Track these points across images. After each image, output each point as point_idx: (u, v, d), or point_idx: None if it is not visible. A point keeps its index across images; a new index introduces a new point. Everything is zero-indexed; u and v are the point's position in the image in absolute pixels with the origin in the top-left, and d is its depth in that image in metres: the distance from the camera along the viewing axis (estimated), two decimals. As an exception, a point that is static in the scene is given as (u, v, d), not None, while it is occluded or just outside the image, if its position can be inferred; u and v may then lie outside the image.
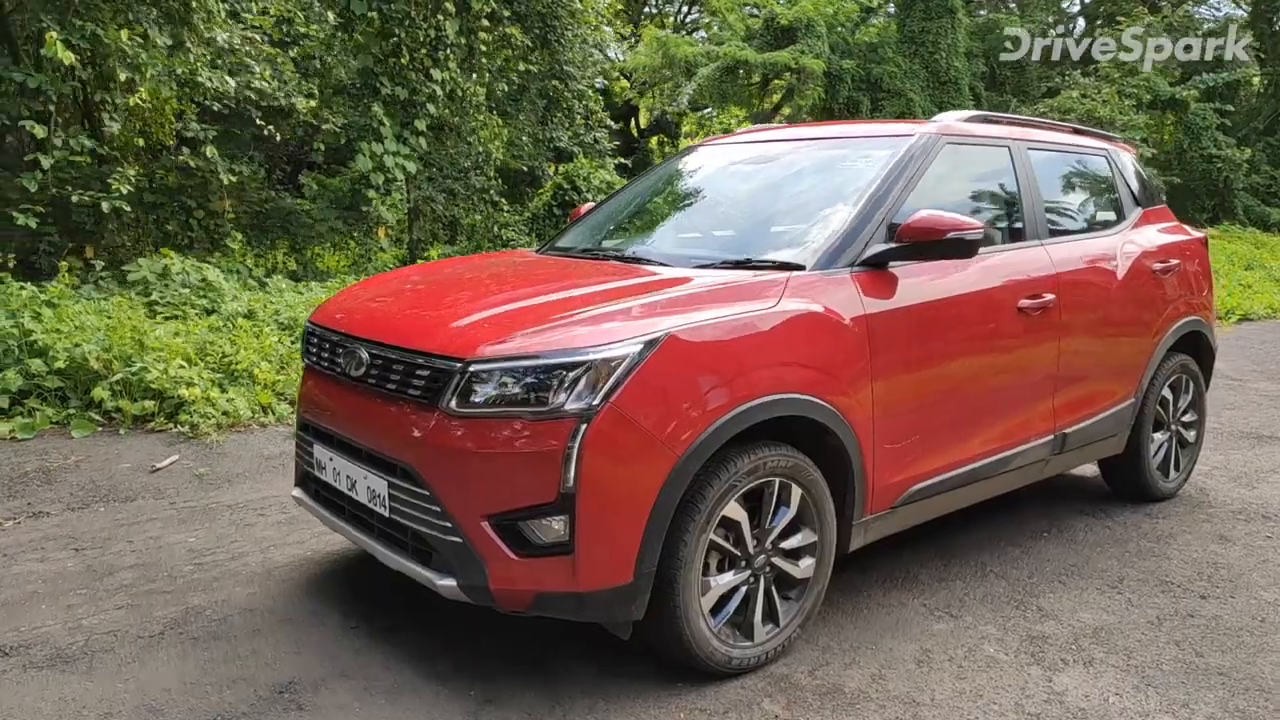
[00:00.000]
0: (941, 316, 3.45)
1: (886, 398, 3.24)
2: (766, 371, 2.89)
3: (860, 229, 3.33)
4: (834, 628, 3.34)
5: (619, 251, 3.80)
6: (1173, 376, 4.66)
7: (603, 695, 2.85)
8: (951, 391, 3.51)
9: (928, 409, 3.43)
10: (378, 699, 2.82)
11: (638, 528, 2.65)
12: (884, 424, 3.25)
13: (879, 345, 3.21)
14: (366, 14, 11.01)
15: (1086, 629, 3.35)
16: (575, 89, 13.63)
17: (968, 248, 3.30)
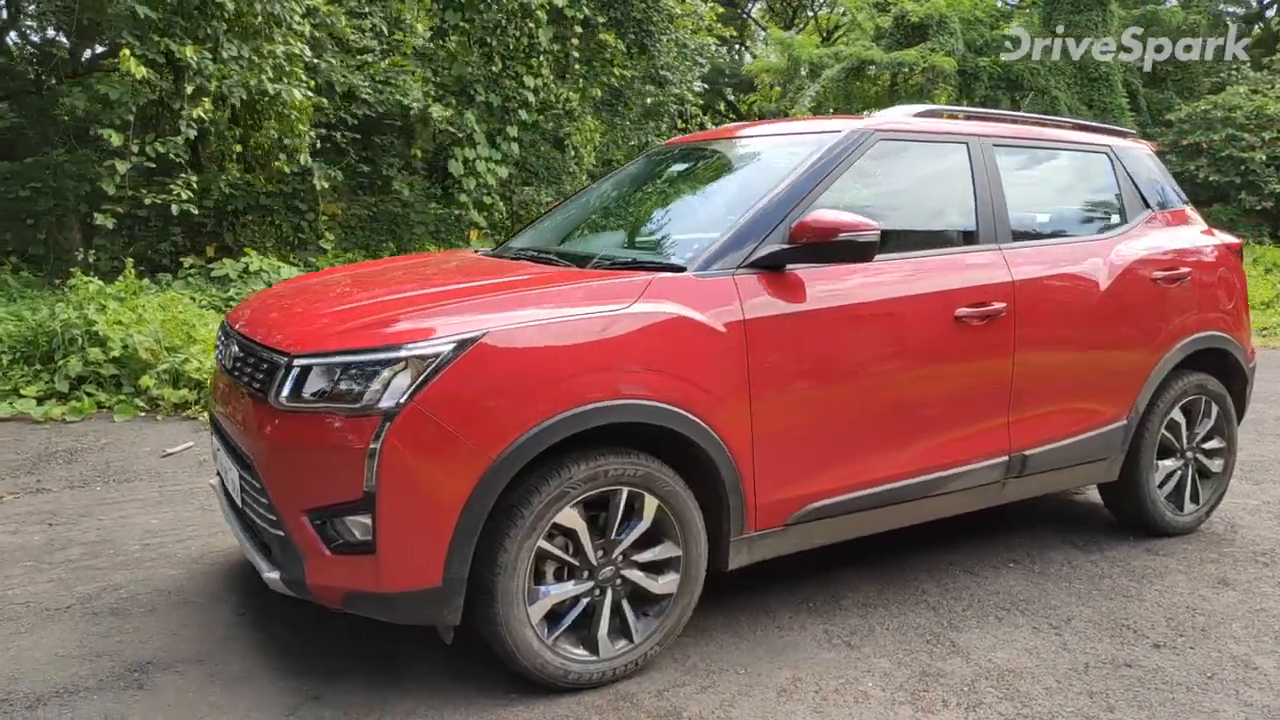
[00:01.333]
0: (847, 323, 3.22)
1: (770, 409, 3.05)
2: (605, 375, 2.77)
3: (752, 230, 3.15)
4: (715, 648, 3.17)
5: (543, 252, 3.73)
6: (1186, 398, 4.18)
7: (427, 698, 2.81)
8: (860, 404, 3.27)
9: (827, 422, 3.20)
10: (215, 686, 2.87)
11: (445, 531, 2.59)
12: (767, 436, 3.06)
13: (760, 352, 3.02)
14: (460, 24, 11.34)
15: (993, 670, 3.04)
16: (673, 93, 13.58)
17: (861, 250, 3.07)
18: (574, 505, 2.78)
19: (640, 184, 4.15)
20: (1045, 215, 4.03)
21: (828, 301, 3.18)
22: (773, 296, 3.09)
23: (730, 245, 3.11)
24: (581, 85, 12.83)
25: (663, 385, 2.84)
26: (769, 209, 3.20)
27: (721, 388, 2.96)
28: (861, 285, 3.30)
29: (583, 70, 12.69)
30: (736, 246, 3.11)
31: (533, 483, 2.72)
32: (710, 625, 3.32)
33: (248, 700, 2.79)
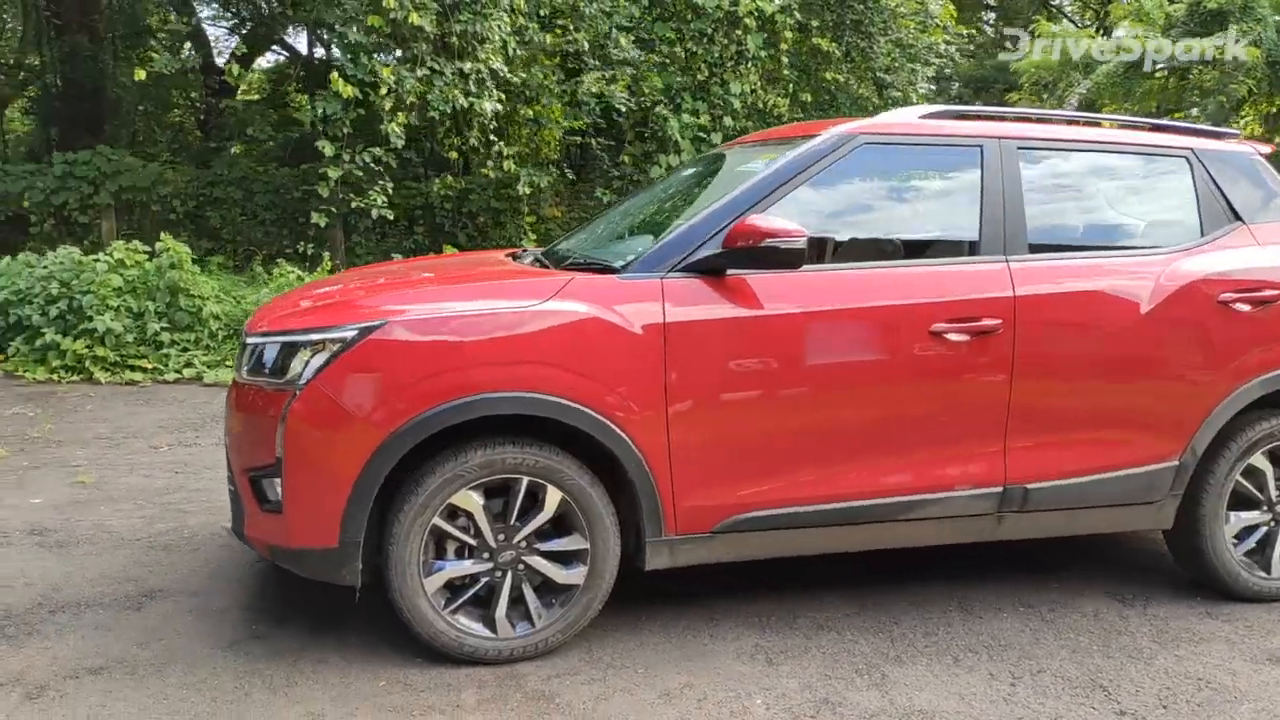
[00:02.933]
0: (791, 332, 3.13)
1: (691, 413, 3.05)
2: (504, 368, 2.92)
3: (692, 234, 3.16)
4: (633, 645, 3.21)
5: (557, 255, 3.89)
6: (1274, 442, 3.59)
7: (343, 649, 3.10)
8: (804, 417, 3.16)
9: (763, 432, 3.14)
10: (190, 616, 3.34)
11: (340, 498, 2.86)
12: (687, 440, 3.06)
13: (681, 355, 3.03)
14: (667, 35, 11.68)
15: (903, 710, 2.84)
16: (893, 95, 13.11)
17: (787, 257, 2.99)
18: (471, 488, 2.96)
19: (671, 187, 4.21)
20: (1086, 226, 3.64)
21: (771, 308, 3.12)
22: (706, 301, 3.08)
23: (668, 248, 3.14)
24: (791, 90, 12.74)
25: (564, 381, 2.94)
26: (713, 213, 3.19)
27: (633, 388, 3.00)
28: (818, 294, 3.20)
29: (792, 75, 12.61)
30: (674, 250, 3.13)
31: (430, 463, 2.92)
32: (645, 624, 3.36)
33: (203, 630, 3.23)
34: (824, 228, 3.39)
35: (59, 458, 5.30)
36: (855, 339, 3.20)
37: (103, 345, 7.44)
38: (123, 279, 7.71)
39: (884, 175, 3.47)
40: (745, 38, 11.90)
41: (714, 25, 11.74)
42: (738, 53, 12.07)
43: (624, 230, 3.90)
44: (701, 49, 11.83)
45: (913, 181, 3.52)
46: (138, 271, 7.82)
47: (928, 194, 3.53)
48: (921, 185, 3.53)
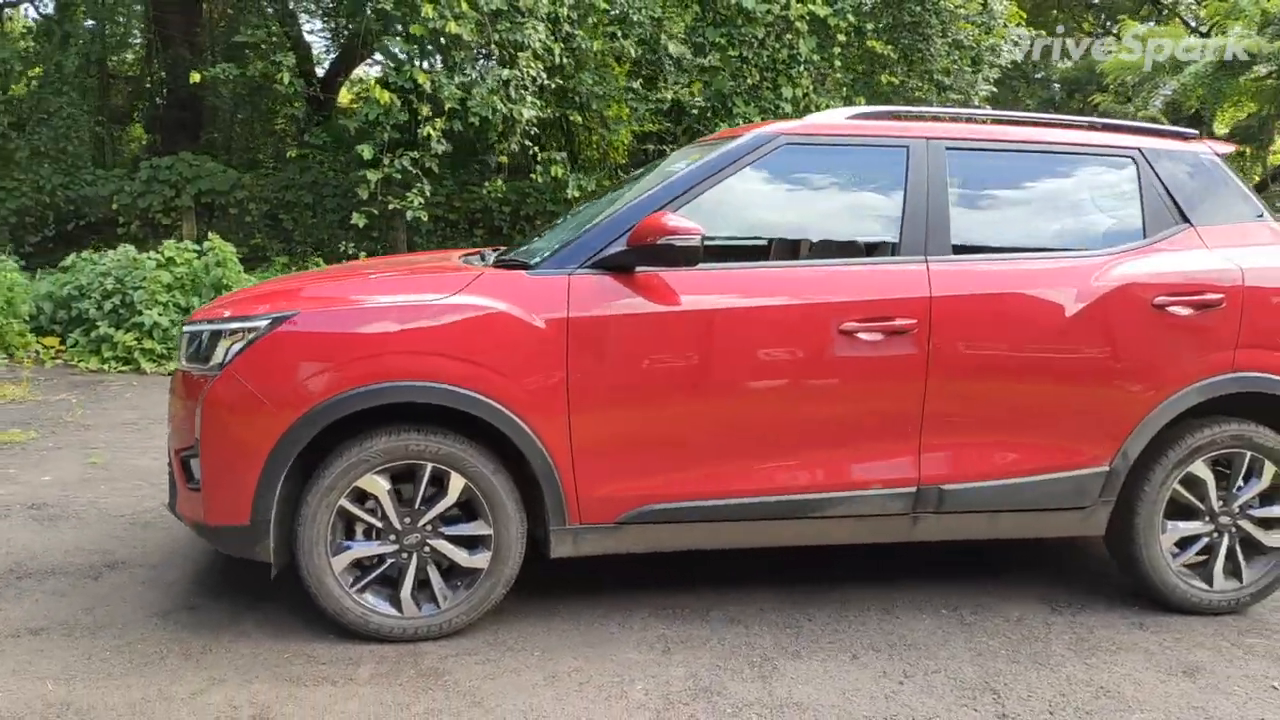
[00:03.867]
0: (696, 328, 3.20)
1: (592, 405, 3.15)
2: (406, 359, 3.06)
3: (604, 232, 3.26)
4: (539, 630, 3.31)
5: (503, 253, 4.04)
6: (1216, 450, 3.49)
7: (264, 623, 3.29)
8: (708, 412, 3.22)
9: (668, 426, 3.21)
10: (139, 585, 3.59)
11: (250, 479, 3.05)
12: (589, 433, 3.16)
13: (583, 349, 3.13)
14: (718, 40, 11.72)
15: (781, 702, 2.88)
16: (952, 98, 12.86)
17: (682, 254, 3.07)
18: (377, 473, 3.11)
19: (620, 186, 4.30)
20: (1020, 228, 3.59)
21: (678, 305, 3.19)
22: (612, 297, 3.17)
23: (580, 246, 3.25)
24: (845, 93, 12.63)
25: (466, 373, 3.07)
26: (625, 212, 3.28)
27: (534, 380, 3.11)
28: (727, 291, 3.25)
29: (845, 79, 12.50)
30: (586, 247, 3.24)
31: (338, 447, 3.09)
32: (559, 611, 3.46)
33: (147, 599, 3.47)
34: (743, 227, 3.46)
35: (82, 440, 5.69)
36: (762, 337, 3.24)
37: (150, 338, 7.91)
38: (172, 275, 8.18)
39: (807, 175, 3.50)
40: (797, 41, 11.86)
41: (765, 30, 11.73)
42: (790, 57, 12.04)
43: (570, 228, 4.00)
44: (752, 54, 11.84)
45: (836, 182, 3.54)
46: (186, 269, 8.28)
47: (850, 194, 3.55)
48: (844, 185, 3.54)
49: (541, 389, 3.12)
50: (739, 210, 3.46)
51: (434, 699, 2.85)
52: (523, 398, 3.10)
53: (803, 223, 3.58)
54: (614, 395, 3.17)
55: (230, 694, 2.85)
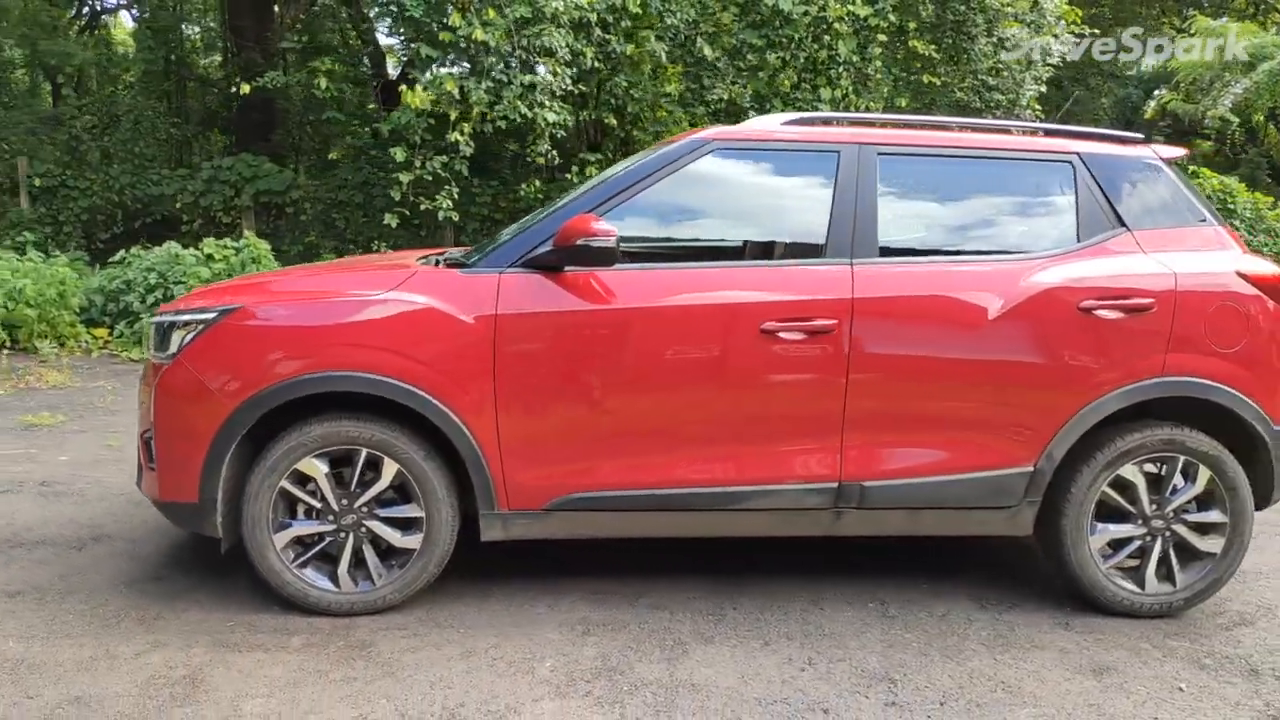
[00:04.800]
0: (619, 326, 3.34)
1: (520, 397, 3.31)
2: (341, 350, 3.26)
3: (537, 232, 3.42)
4: (471, 611, 3.49)
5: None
6: (1146, 454, 3.50)
7: (218, 593, 3.54)
8: (630, 406, 3.36)
9: (590, 418, 3.36)
10: (117, 557, 3.88)
11: (198, 460, 3.29)
12: (514, 423, 3.32)
13: (510, 343, 3.29)
14: (753, 42, 11.77)
15: (685, 683, 3.00)
16: (996, 98, 12.69)
17: (599, 254, 3.22)
18: (315, 456, 3.32)
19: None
20: (951, 231, 3.65)
21: (602, 304, 3.33)
22: (540, 295, 3.33)
23: (514, 245, 3.43)
24: (886, 94, 12.56)
25: (397, 364, 3.27)
26: (557, 213, 3.44)
27: (464, 372, 3.29)
28: (652, 290, 3.39)
29: (885, 80, 12.43)
30: (519, 246, 3.41)
31: (276, 430, 3.32)
32: (496, 593, 3.64)
33: (119, 569, 3.75)
34: (675, 229, 3.58)
35: (106, 424, 6.08)
36: (685, 335, 3.36)
37: (188, 330, 8.35)
38: (211, 271, 8.61)
39: (739, 179, 3.61)
40: (836, 42, 11.85)
41: (802, 31, 11.75)
42: (829, 58, 12.04)
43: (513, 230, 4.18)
44: (790, 55, 11.87)
45: (765, 185, 3.64)
46: (224, 265, 8.71)
47: (780, 197, 3.64)
48: (774, 189, 3.64)
49: (469, 381, 3.29)
50: (671, 213, 3.59)
51: (353, 668, 3.05)
52: (451, 389, 3.28)
53: (733, 225, 3.69)
54: (539, 388, 3.33)
55: (169, 656, 3.09)
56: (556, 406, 3.35)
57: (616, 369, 3.34)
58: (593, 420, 3.36)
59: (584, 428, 3.36)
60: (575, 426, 3.36)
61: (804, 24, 11.69)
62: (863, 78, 12.76)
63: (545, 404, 3.34)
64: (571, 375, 3.33)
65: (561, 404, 3.35)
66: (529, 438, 3.34)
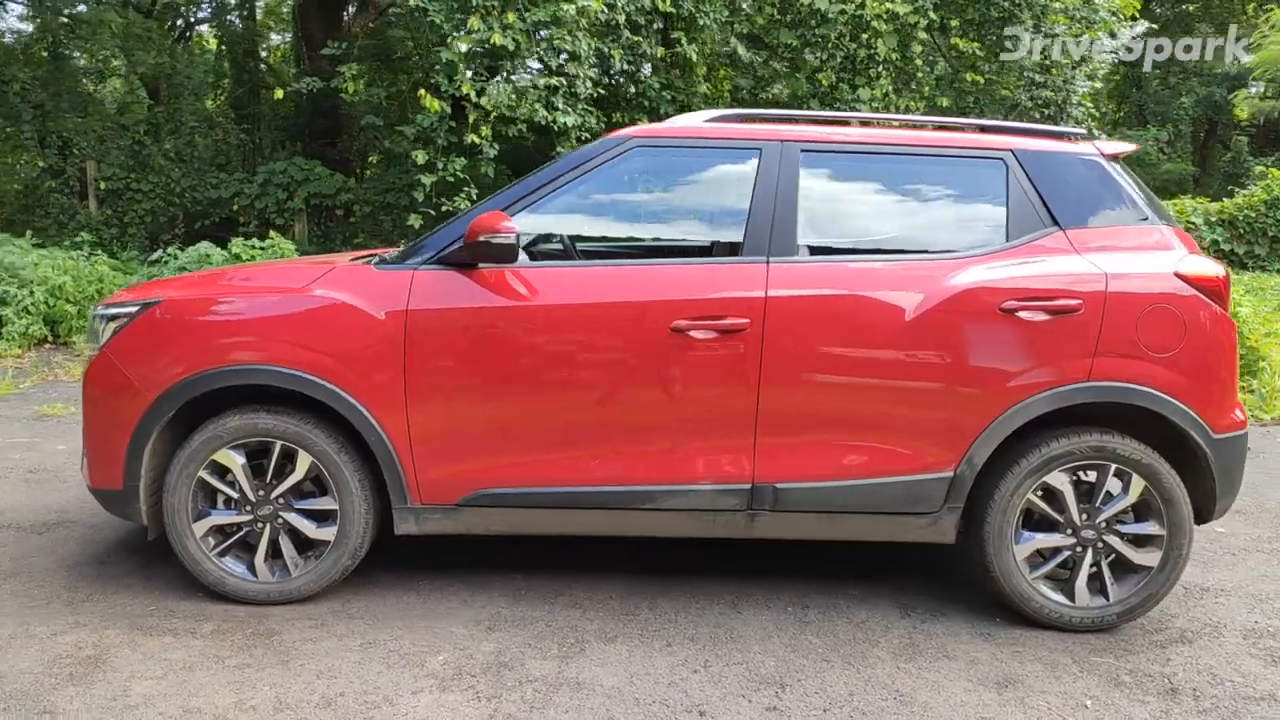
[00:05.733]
0: (528, 322, 3.35)
1: (428, 392, 3.35)
2: (255, 344, 3.34)
3: (451, 231, 3.45)
4: (389, 603, 3.54)
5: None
6: (1075, 461, 3.36)
7: (153, 577, 3.67)
8: (539, 402, 3.36)
9: (500, 414, 3.37)
10: (72, 541, 4.04)
11: (121, 448, 3.41)
12: (426, 419, 3.36)
13: (420, 339, 3.33)
14: (790, 42, 11.66)
15: (570, 681, 3.00)
16: (1043, 95, 12.31)
17: (499, 251, 3.24)
18: (231, 448, 3.41)
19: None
20: (875, 230, 3.56)
21: (512, 300, 3.35)
22: (452, 291, 3.37)
23: (430, 243, 3.47)
24: (927, 93, 12.31)
25: (308, 359, 3.33)
26: (474, 211, 3.47)
27: (375, 368, 3.34)
28: (563, 288, 3.40)
29: (926, 79, 12.18)
30: (436, 243, 3.45)
31: (193, 421, 3.42)
32: (417, 586, 3.69)
33: (69, 552, 3.91)
34: (593, 226, 3.58)
35: (112, 417, 6.31)
36: (595, 332, 3.36)
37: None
38: (237, 271, 8.89)
39: (658, 177, 3.60)
40: (875, 41, 11.67)
41: (839, 30, 11.60)
42: (868, 57, 11.86)
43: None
44: (826, 54, 11.72)
45: (687, 183, 3.61)
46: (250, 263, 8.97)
47: (701, 195, 3.61)
48: (694, 187, 3.61)
49: (380, 376, 3.34)
50: (593, 210, 3.59)
51: (251, 655, 3.12)
52: (361, 384, 3.34)
53: (654, 223, 3.67)
54: (449, 384, 3.36)
55: (83, 637, 3.21)
56: (465, 402, 3.37)
57: (525, 366, 3.35)
58: (501, 416, 3.38)
59: (493, 424, 3.38)
60: (484, 422, 3.38)
61: (841, 22, 11.52)
62: (905, 77, 12.55)
63: (454, 400, 3.37)
64: (480, 371, 3.36)
65: (470, 400, 3.37)
66: (439, 433, 3.38)
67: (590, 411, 3.38)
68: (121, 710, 2.77)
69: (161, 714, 2.77)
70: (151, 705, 2.81)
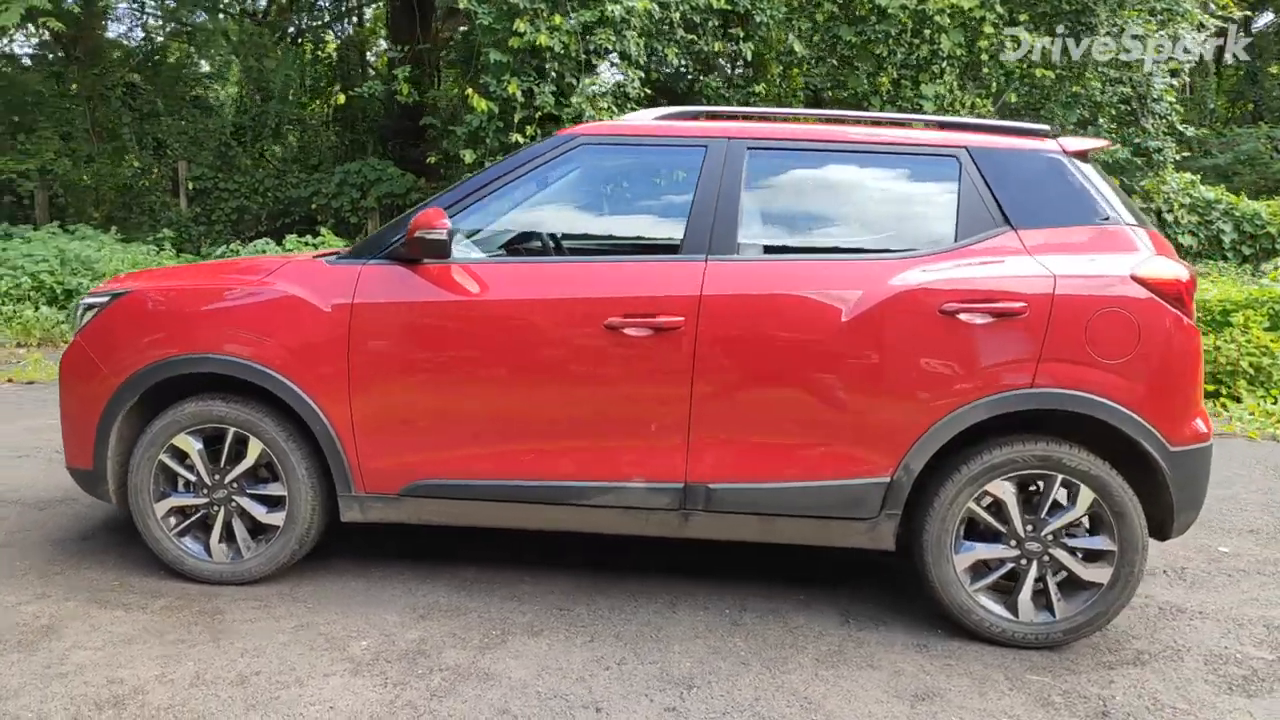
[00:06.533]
0: (462, 317, 3.41)
1: (369, 383, 3.44)
2: (210, 334, 3.49)
3: (397, 227, 3.53)
4: (334, 589, 3.64)
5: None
6: (1019, 470, 3.24)
7: (122, 558, 3.85)
8: (472, 396, 3.42)
9: (436, 406, 3.44)
10: (63, 520, 4.28)
11: (91, 429, 3.60)
12: (367, 409, 3.45)
13: (363, 332, 3.42)
14: (850, 39, 11.46)
15: (482, 672, 3.04)
16: (1120, 91, 11.80)
17: (433, 247, 3.31)
18: (189, 433, 3.57)
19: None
20: (818, 229, 3.50)
21: (453, 295, 3.42)
22: (396, 286, 3.45)
23: (379, 239, 3.56)
24: (995, 89, 11.94)
25: (256, 349, 3.47)
26: (422, 207, 3.54)
27: (321, 359, 3.45)
28: (502, 284, 3.45)
29: (994, 74, 11.81)
30: (383, 240, 3.54)
31: (156, 407, 3.59)
32: (368, 573, 3.79)
33: (59, 528, 4.16)
34: (535, 223, 3.62)
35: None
36: (531, 328, 3.39)
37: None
38: (291, 266, 9.27)
39: (604, 175, 3.62)
40: (938, 37, 11.40)
41: (900, 27, 11.35)
42: (931, 53, 11.58)
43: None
44: (886, 50, 11.49)
45: (633, 181, 3.61)
46: (303, 260, 9.34)
47: (646, 193, 3.61)
48: (642, 184, 3.61)
49: (326, 367, 3.45)
50: (536, 208, 3.62)
51: (189, 631, 3.26)
52: (308, 374, 3.45)
53: (596, 220, 3.68)
54: (389, 376, 3.44)
55: (44, 607, 3.41)
56: (405, 394, 3.45)
57: (463, 360, 3.41)
58: (439, 409, 3.45)
59: (431, 416, 3.45)
60: (423, 414, 3.45)
61: (902, 19, 11.27)
62: (972, 73, 12.21)
63: (395, 391, 3.45)
64: (419, 364, 3.43)
65: (410, 392, 3.45)
66: (380, 424, 3.46)
67: (524, 406, 3.41)
68: (51, 678, 2.93)
69: (86, 682, 2.91)
70: (80, 674, 2.96)
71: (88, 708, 2.78)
